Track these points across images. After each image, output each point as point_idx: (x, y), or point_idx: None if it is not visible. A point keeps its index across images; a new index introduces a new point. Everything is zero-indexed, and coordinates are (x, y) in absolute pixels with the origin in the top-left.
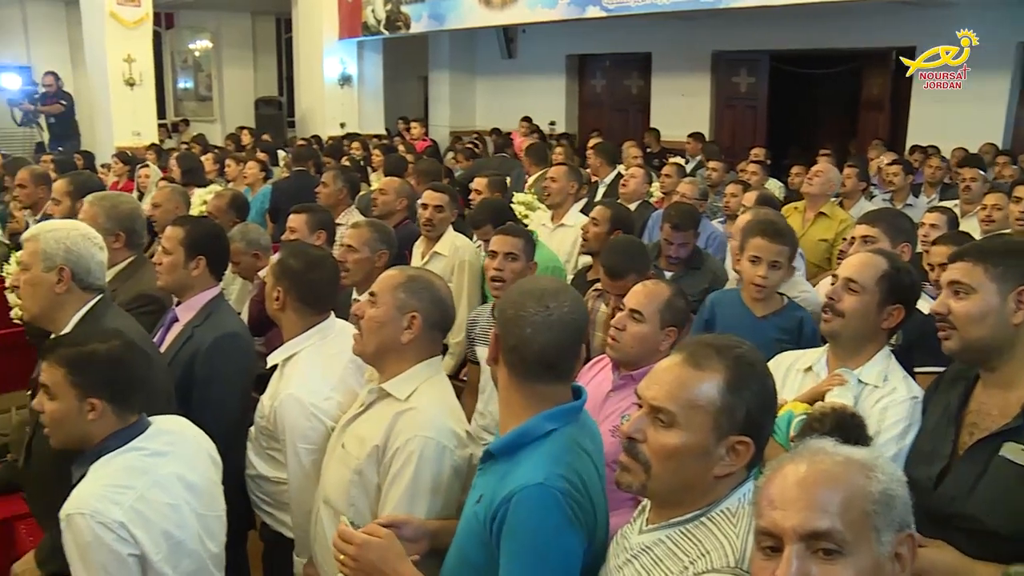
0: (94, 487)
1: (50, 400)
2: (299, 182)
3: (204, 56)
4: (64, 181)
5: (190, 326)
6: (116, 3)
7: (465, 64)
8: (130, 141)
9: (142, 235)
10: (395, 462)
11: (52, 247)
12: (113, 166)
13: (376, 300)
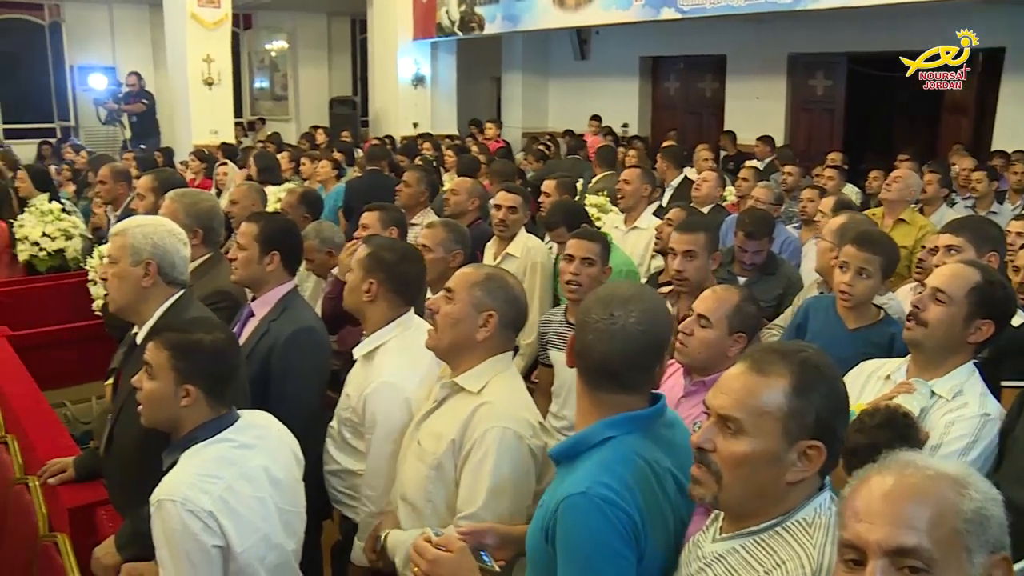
0: (185, 475)
1: (149, 379)
2: (373, 181)
3: (280, 56)
4: (149, 177)
5: (266, 321)
6: (197, 5)
7: (538, 65)
8: (208, 139)
9: (219, 232)
10: (473, 454)
11: (140, 242)
12: (191, 163)
13: (453, 297)
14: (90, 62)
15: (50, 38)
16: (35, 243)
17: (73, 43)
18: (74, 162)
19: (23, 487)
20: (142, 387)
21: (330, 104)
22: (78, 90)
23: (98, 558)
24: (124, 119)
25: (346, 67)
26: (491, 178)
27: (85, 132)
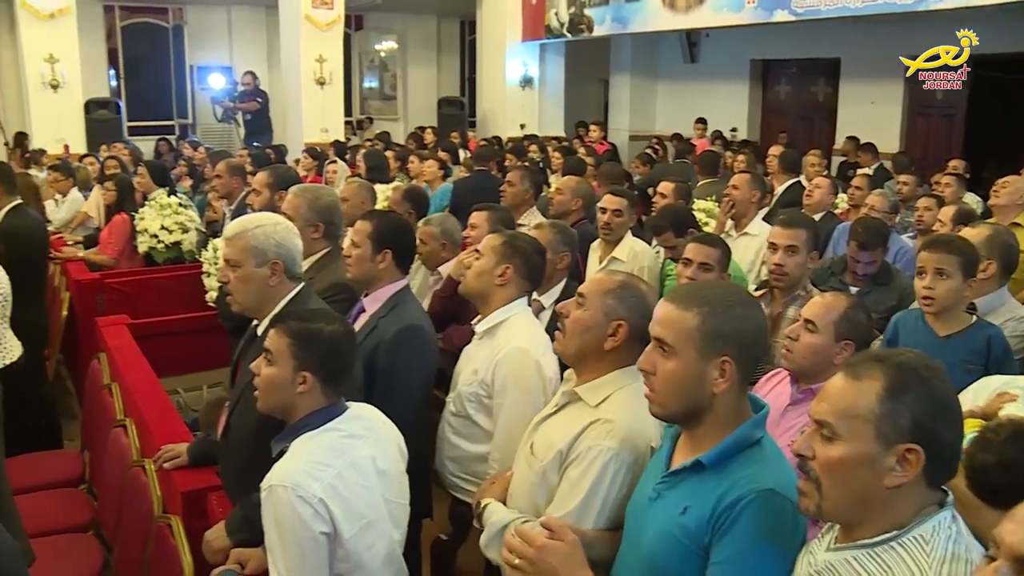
0: (296, 462)
1: (268, 365)
2: (479, 181)
3: (390, 56)
4: (265, 173)
5: (375, 317)
6: (311, 7)
7: (646, 68)
8: (319, 137)
9: (339, 227)
10: (576, 466)
11: (263, 242)
12: (303, 161)
13: (584, 302)
14: (209, 62)
15: (172, 40)
16: (154, 235)
17: (193, 44)
18: (191, 158)
19: (140, 469)
20: (260, 373)
21: (438, 104)
22: (197, 89)
23: (209, 541)
24: (239, 117)
25: (455, 68)
26: (599, 180)
27: (202, 129)
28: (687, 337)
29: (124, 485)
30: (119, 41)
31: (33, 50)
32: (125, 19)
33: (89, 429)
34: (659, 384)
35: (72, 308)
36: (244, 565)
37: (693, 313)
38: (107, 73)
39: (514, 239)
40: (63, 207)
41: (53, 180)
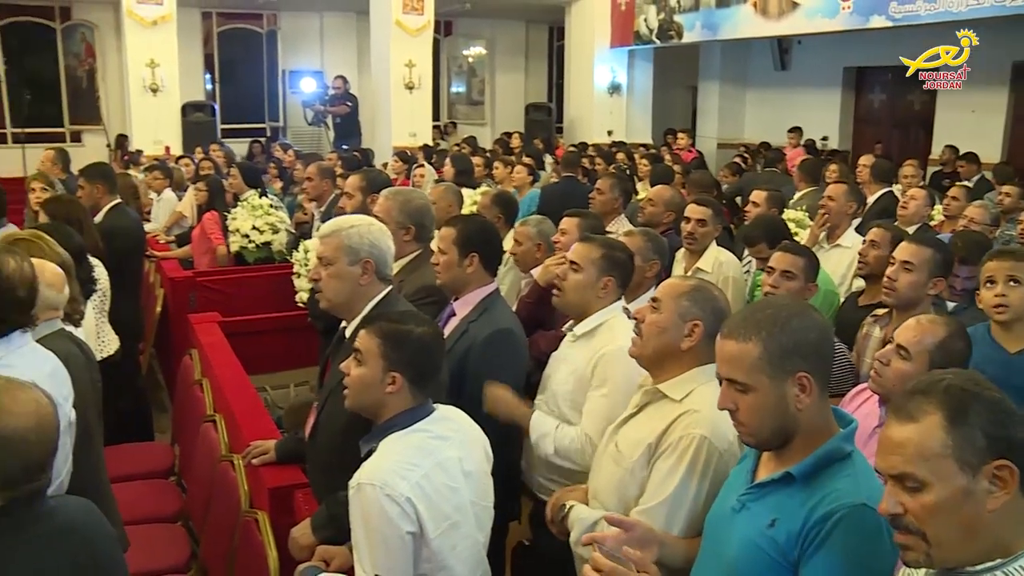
0: (385, 461)
1: (359, 365)
2: (567, 187)
3: (478, 62)
4: (357, 177)
5: (465, 321)
6: (402, 12)
7: (736, 75)
8: (407, 141)
9: (430, 230)
10: (667, 457)
11: (356, 242)
12: (392, 164)
13: (659, 306)
14: (300, 67)
15: (266, 45)
16: (245, 235)
17: (286, 49)
18: (282, 160)
19: (228, 464)
20: (350, 373)
21: (526, 110)
22: (288, 93)
23: (295, 538)
24: (328, 120)
25: (542, 74)
26: (689, 189)
27: (292, 132)
28: (756, 368)
29: (213, 479)
30: (215, 46)
31: (136, 55)
32: (221, 25)
33: (180, 423)
34: (744, 418)
35: (166, 304)
36: (329, 562)
37: (753, 343)
38: (203, 77)
39: (612, 251)
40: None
41: (152, 179)
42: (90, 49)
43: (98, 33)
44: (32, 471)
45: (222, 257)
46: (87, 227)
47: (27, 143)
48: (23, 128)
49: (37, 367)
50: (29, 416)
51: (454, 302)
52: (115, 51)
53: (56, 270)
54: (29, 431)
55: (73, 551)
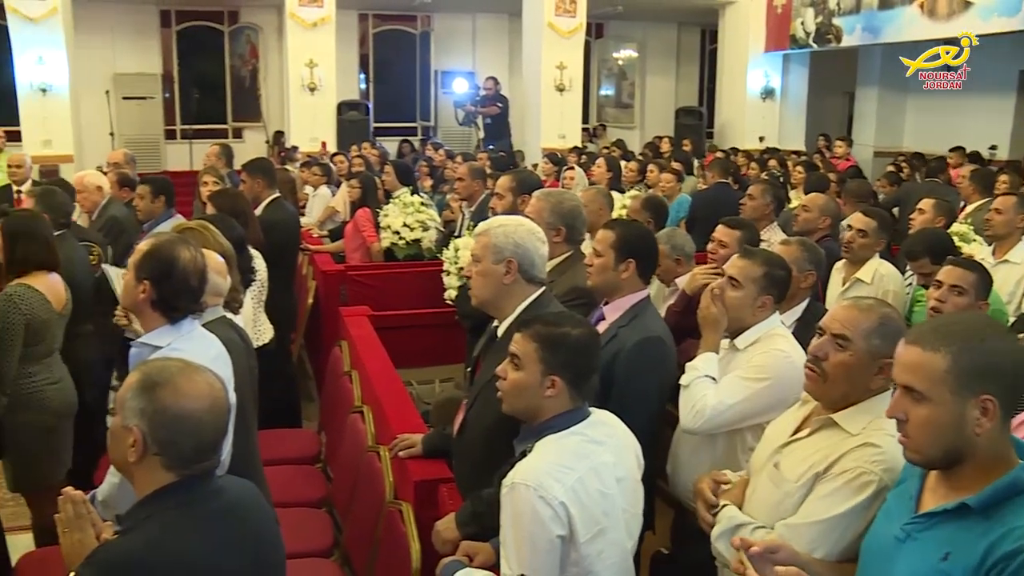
0: (541, 463)
1: (515, 369)
2: (718, 193)
3: (628, 65)
4: (508, 177)
5: (615, 326)
6: (554, 14)
7: (897, 80)
8: (556, 143)
9: (581, 232)
10: (831, 482)
11: (502, 241)
12: (542, 166)
13: (847, 345)
14: (452, 67)
15: (419, 46)
16: (396, 232)
17: (439, 50)
18: (432, 159)
19: (374, 455)
20: (506, 376)
21: (676, 114)
22: (440, 93)
23: (439, 531)
24: (479, 121)
25: (694, 77)
26: (845, 198)
27: (442, 132)
28: (939, 381)
29: (359, 468)
30: (370, 47)
31: (297, 56)
32: (377, 26)
33: (327, 412)
34: (914, 431)
35: (317, 297)
36: (472, 558)
37: (942, 354)
38: (358, 77)
39: (773, 269)
40: (313, 201)
41: (309, 175)
42: (254, 50)
43: (262, 35)
44: (204, 451)
45: (376, 253)
46: (250, 220)
47: (194, 139)
48: (191, 125)
49: (203, 352)
50: (204, 398)
51: (604, 306)
52: (276, 52)
53: (220, 260)
54: (204, 412)
55: (239, 528)
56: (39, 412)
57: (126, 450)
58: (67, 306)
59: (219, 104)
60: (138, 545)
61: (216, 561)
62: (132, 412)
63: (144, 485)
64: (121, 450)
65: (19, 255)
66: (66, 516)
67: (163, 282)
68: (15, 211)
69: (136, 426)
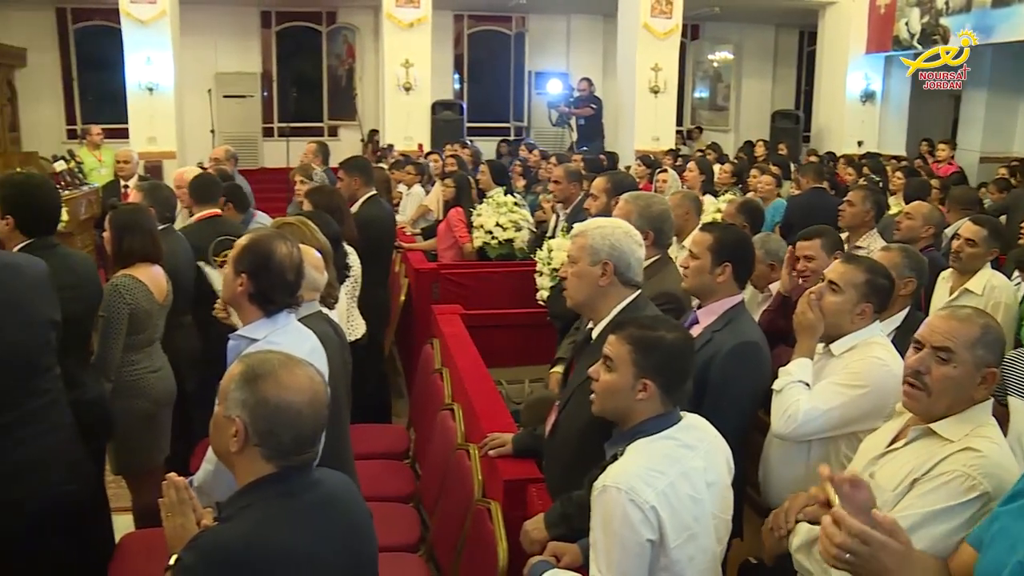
0: (633, 467)
1: (608, 371)
2: (814, 199)
3: (724, 67)
4: (603, 179)
5: (709, 330)
6: (650, 15)
7: (1009, 82)
8: (649, 145)
9: (669, 236)
10: (928, 483)
11: (599, 242)
12: (634, 168)
13: (951, 358)
14: (546, 68)
15: (514, 46)
16: (488, 232)
17: (533, 51)
18: (526, 159)
19: (464, 453)
20: (599, 378)
21: (772, 117)
22: (533, 94)
23: (527, 531)
24: (572, 122)
25: (790, 80)
26: (949, 205)
27: (535, 132)
28: None
29: (447, 465)
30: (465, 47)
31: (393, 55)
32: (472, 27)
33: (417, 408)
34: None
35: (409, 294)
36: (559, 558)
37: None
38: (452, 77)
39: (875, 277)
40: (407, 200)
41: (404, 174)
42: (351, 50)
43: (358, 35)
44: (303, 443)
45: (468, 252)
46: (346, 217)
47: (291, 136)
48: (288, 123)
49: (298, 345)
50: (304, 391)
51: (698, 310)
52: (372, 52)
53: (317, 255)
54: (304, 405)
55: (337, 520)
56: (141, 399)
57: (228, 439)
58: (168, 297)
59: (316, 103)
60: (239, 533)
61: (313, 552)
62: (234, 403)
63: (244, 474)
64: (223, 439)
65: (125, 247)
66: (169, 500)
67: (260, 276)
68: (123, 205)
69: (238, 417)
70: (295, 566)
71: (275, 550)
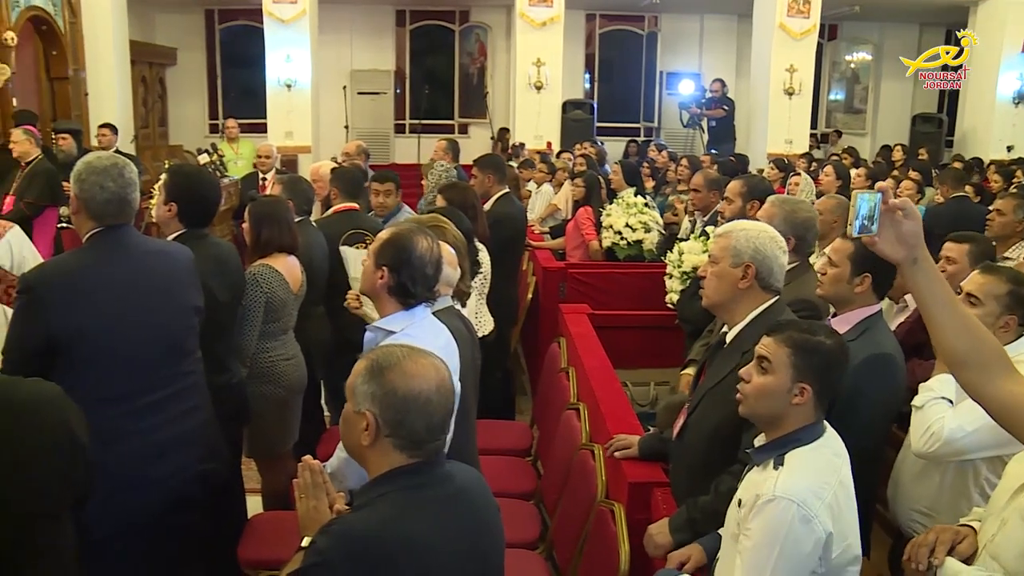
0: (802, 479)
1: (763, 373)
2: (958, 208)
3: (861, 67)
4: (739, 182)
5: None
6: (786, 15)
7: None
8: (781, 148)
9: (812, 244)
10: None
11: (743, 244)
12: (767, 171)
13: None
14: (678, 68)
15: (645, 46)
16: (618, 232)
17: (665, 51)
18: (655, 160)
19: (588, 453)
20: (751, 380)
21: (912, 121)
22: (664, 94)
23: (652, 535)
24: (703, 123)
25: None
26: None
27: (665, 133)
28: None
29: (570, 465)
30: (596, 46)
31: (525, 54)
32: (604, 26)
33: (541, 406)
34: None
35: (536, 292)
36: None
37: None
38: (583, 76)
39: (1019, 287)
40: (536, 198)
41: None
42: (483, 48)
43: (491, 34)
44: (434, 430)
45: (594, 252)
46: (478, 214)
47: (422, 133)
48: (419, 120)
49: (433, 339)
50: (431, 379)
51: (832, 318)
52: (504, 51)
53: (452, 251)
54: (432, 392)
55: (468, 514)
56: (274, 385)
57: (359, 434)
58: (302, 287)
59: (447, 100)
60: (372, 522)
61: (442, 544)
62: (363, 397)
63: (377, 467)
64: (354, 435)
65: (263, 238)
66: (304, 483)
67: (400, 269)
68: (262, 197)
69: (368, 410)
70: (424, 558)
71: (405, 541)
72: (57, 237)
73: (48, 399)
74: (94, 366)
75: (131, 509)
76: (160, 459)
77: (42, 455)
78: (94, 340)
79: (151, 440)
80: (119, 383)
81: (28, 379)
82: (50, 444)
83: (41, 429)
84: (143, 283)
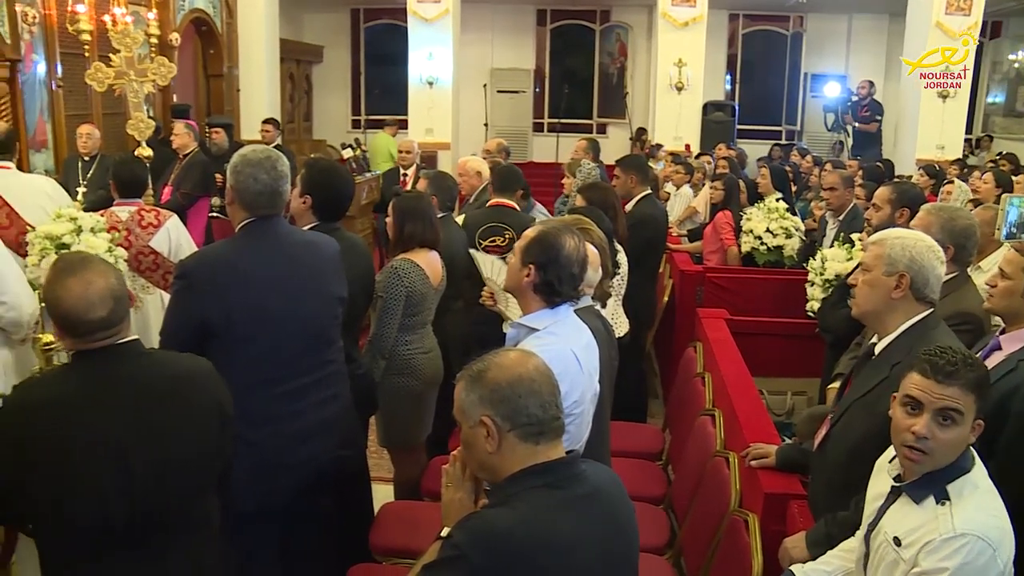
0: (988, 517)
1: (953, 425)
2: None
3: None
4: (888, 189)
5: (1014, 358)
6: (944, 12)
7: None
8: (932, 154)
9: (972, 253)
10: None
11: (898, 253)
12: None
13: None
14: (823, 70)
15: (790, 47)
16: (758, 237)
17: (810, 51)
18: (798, 165)
19: (722, 460)
20: (934, 436)
21: None
22: (808, 97)
23: (787, 548)
24: (848, 128)
25: None
26: None
27: (808, 137)
28: None
29: (703, 472)
30: (739, 47)
31: (666, 55)
32: (747, 26)
33: (674, 411)
34: None
35: (673, 296)
36: None
37: None
38: (724, 77)
39: None
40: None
41: (673, 173)
42: (623, 48)
43: (631, 34)
44: (548, 407)
45: (732, 256)
46: (618, 215)
47: (560, 132)
48: (558, 119)
49: (575, 338)
50: (525, 363)
51: (1001, 335)
52: (645, 51)
53: (594, 250)
54: (531, 373)
55: (604, 514)
56: (411, 377)
57: (483, 446)
58: (442, 282)
59: (586, 100)
60: (510, 519)
61: (577, 545)
62: (472, 406)
63: (509, 469)
64: (479, 451)
65: (406, 232)
66: (453, 473)
67: (547, 267)
68: (406, 192)
69: (482, 416)
70: (560, 557)
71: (543, 540)
72: (208, 226)
73: (203, 372)
74: (244, 350)
75: (271, 490)
76: (303, 444)
77: (201, 418)
78: (244, 325)
79: (295, 425)
80: (267, 368)
81: (184, 354)
82: (208, 408)
83: (201, 394)
84: (291, 272)
